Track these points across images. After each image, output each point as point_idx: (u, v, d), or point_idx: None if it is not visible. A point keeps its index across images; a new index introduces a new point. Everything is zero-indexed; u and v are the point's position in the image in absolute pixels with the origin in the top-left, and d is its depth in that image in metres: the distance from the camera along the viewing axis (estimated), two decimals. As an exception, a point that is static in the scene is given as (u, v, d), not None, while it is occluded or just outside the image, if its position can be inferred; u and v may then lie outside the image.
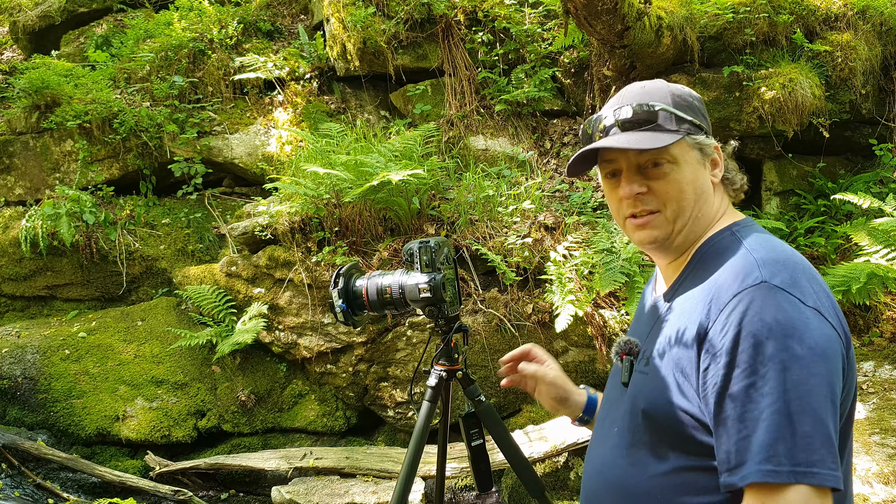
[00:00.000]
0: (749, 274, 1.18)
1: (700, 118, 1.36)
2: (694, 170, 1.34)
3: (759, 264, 1.20)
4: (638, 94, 1.36)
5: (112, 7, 7.12)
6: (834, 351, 1.14)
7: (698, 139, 1.34)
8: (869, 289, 4.12)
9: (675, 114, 1.33)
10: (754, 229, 1.34)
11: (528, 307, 4.55)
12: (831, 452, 1.08)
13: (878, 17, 5.18)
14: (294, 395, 4.94)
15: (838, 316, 1.20)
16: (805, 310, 1.14)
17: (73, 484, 4.53)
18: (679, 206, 1.34)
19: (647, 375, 1.31)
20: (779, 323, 1.11)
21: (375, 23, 5.76)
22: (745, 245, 1.27)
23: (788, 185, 5.35)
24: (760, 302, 1.14)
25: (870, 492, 3.09)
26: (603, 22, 4.31)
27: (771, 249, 1.24)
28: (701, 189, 1.35)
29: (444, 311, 1.85)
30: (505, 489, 4.22)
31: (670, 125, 1.32)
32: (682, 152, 1.33)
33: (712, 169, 1.37)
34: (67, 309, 5.52)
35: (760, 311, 1.13)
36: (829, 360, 1.12)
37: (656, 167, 1.33)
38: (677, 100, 1.35)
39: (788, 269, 1.19)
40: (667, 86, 1.38)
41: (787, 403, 1.08)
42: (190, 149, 5.77)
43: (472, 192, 4.93)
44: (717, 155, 1.38)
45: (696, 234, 1.36)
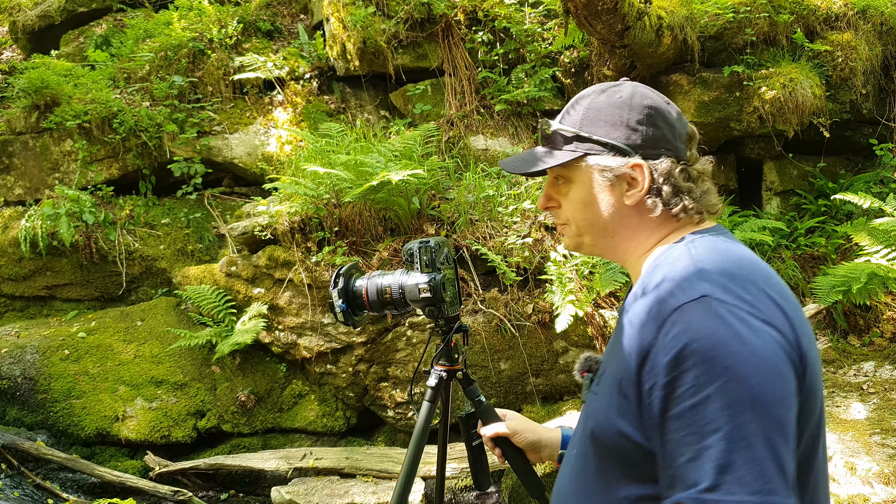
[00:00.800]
0: (691, 286, 1.09)
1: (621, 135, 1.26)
2: (590, 192, 1.28)
3: (702, 275, 1.11)
4: (569, 105, 1.34)
5: (112, 7, 7.11)
6: (784, 368, 1.04)
7: (597, 160, 1.26)
8: (869, 289, 4.12)
9: (576, 133, 1.28)
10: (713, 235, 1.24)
11: (529, 307, 4.54)
12: (784, 482, 0.99)
13: (879, 17, 5.18)
14: (294, 396, 4.93)
15: (794, 329, 1.10)
16: (753, 323, 1.05)
17: (72, 484, 4.53)
18: (578, 225, 1.33)
19: (597, 395, 1.25)
20: (720, 341, 1.02)
21: (375, 22, 5.76)
22: (693, 254, 1.17)
23: (789, 184, 5.35)
24: (701, 317, 1.05)
25: (870, 492, 3.09)
26: (603, 21, 4.31)
27: (720, 258, 1.16)
28: (604, 210, 1.28)
29: (444, 311, 1.84)
30: (505, 489, 4.21)
31: (568, 144, 1.29)
32: (580, 173, 1.29)
33: (629, 189, 1.26)
34: (67, 309, 5.52)
35: (701, 328, 1.04)
36: (778, 377, 1.03)
37: (562, 184, 1.33)
38: (591, 115, 1.28)
39: (737, 280, 1.10)
40: (595, 96, 1.30)
41: (734, 426, 0.99)
42: (189, 149, 5.76)
43: (473, 192, 4.93)
44: (639, 175, 1.25)
45: (625, 247, 1.31)
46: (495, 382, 4.60)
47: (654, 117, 1.27)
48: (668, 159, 1.26)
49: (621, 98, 1.28)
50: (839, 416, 3.65)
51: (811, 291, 4.49)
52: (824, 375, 4.10)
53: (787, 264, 4.76)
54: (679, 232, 1.27)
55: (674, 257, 1.20)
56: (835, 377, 4.08)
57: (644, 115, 1.27)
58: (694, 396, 1.02)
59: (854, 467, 3.21)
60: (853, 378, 4.05)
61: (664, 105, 1.29)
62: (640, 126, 1.26)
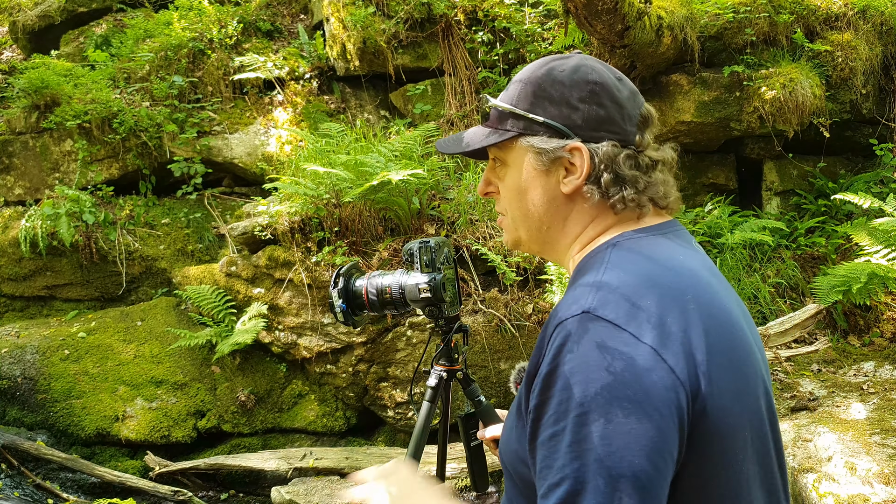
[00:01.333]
0: (577, 300, 0.97)
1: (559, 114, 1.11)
2: (525, 177, 1.14)
3: (596, 287, 0.98)
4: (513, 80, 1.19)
5: (112, 7, 7.11)
6: (660, 401, 0.90)
7: (531, 141, 1.12)
8: (869, 289, 4.12)
9: (510, 110, 1.13)
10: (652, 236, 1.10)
11: (529, 307, 4.54)
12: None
13: (879, 17, 5.18)
14: (294, 396, 4.93)
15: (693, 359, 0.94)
16: (632, 348, 0.91)
17: (72, 484, 4.53)
18: (514, 214, 1.18)
19: (508, 415, 1.13)
20: (591, 365, 0.90)
21: (375, 22, 5.76)
22: (605, 262, 1.04)
23: (789, 184, 5.35)
24: (577, 336, 0.93)
25: (870, 492, 3.09)
26: (603, 21, 4.31)
27: (627, 268, 1.01)
28: (538, 199, 1.14)
29: (444, 312, 1.84)
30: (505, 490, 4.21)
31: (504, 123, 1.15)
32: (516, 155, 1.15)
33: (566, 175, 1.12)
34: (67, 309, 5.52)
35: (574, 348, 0.92)
36: (648, 412, 0.89)
37: (500, 167, 1.19)
38: (536, 92, 1.13)
39: (632, 296, 0.96)
40: (535, 70, 1.15)
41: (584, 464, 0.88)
42: (189, 149, 5.76)
43: (472, 192, 4.93)
44: (578, 159, 1.10)
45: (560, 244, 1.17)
46: (495, 382, 4.60)
47: (600, 94, 1.11)
48: (611, 143, 1.10)
49: (563, 72, 1.12)
50: (839, 416, 3.65)
51: (811, 291, 4.49)
52: (824, 375, 4.10)
53: (787, 264, 4.76)
54: (618, 228, 1.13)
55: (590, 264, 1.08)
56: (835, 377, 4.08)
57: (587, 92, 1.11)
58: (554, 426, 0.92)
59: (854, 467, 3.21)
60: (853, 378, 4.05)
61: (613, 81, 1.13)
62: (582, 104, 1.11)
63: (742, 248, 4.74)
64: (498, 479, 4.31)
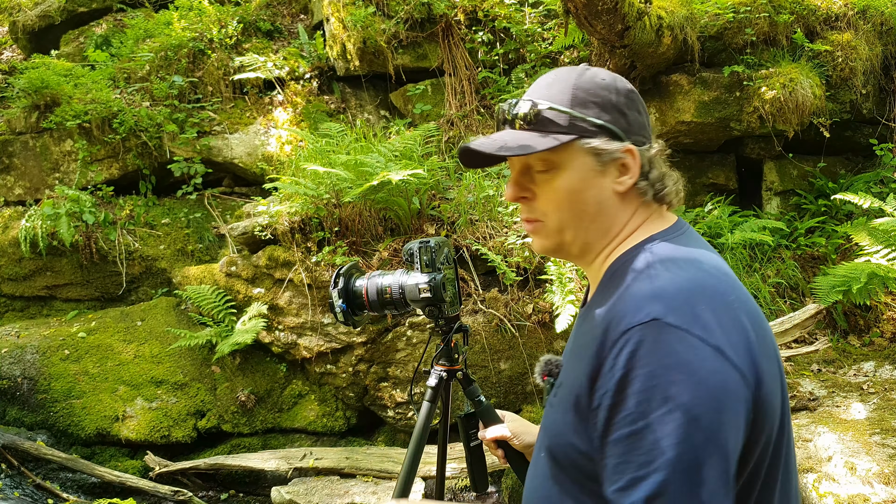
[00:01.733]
0: (641, 308, 1.04)
1: (611, 116, 1.18)
2: (583, 178, 1.17)
3: (654, 296, 1.05)
4: (541, 87, 1.22)
5: (112, 7, 7.11)
6: (732, 397, 1.00)
7: (593, 143, 1.16)
8: (869, 289, 4.12)
9: (569, 113, 1.17)
10: (675, 242, 1.18)
11: (529, 307, 4.54)
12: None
13: (879, 17, 5.18)
14: (294, 396, 4.93)
15: (751, 353, 1.05)
16: (702, 350, 1.00)
17: (72, 484, 4.53)
18: (560, 217, 1.20)
19: (554, 409, 1.20)
20: (667, 367, 0.99)
21: (375, 22, 5.76)
22: (651, 267, 1.11)
23: (789, 184, 5.35)
24: (650, 342, 1.01)
25: (870, 492, 3.09)
26: (603, 21, 4.31)
27: (677, 275, 1.09)
28: (593, 199, 1.18)
29: (444, 311, 1.84)
30: (505, 489, 4.21)
31: (558, 126, 1.17)
32: (570, 157, 1.17)
33: (619, 175, 1.19)
34: (67, 309, 5.52)
35: (649, 353, 1.00)
36: (723, 408, 0.99)
37: (542, 172, 1.20)
38: (580, 95, 1.18)
39: (691, 301, 1.04)
40: (576, 76, 1.21)
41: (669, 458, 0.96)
42: (190, 149, 5.76)
43: (473, 192, 4.93)
44: (631, 159, 1.18)
45: (600, 244, 1.22)
46: (495, 382, 4.60)
47: (637, 102, 1.23)
48: (647, 145, 1.21)
49: (605, 80, 1.20)
50: (839, 416, 3.65)
51: (811, 291, 4.49)
52: (824, 375, 4.10)
53: (787, 264, 4.76)
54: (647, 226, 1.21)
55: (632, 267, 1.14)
56: (835, 377, 4.08)
57: (629, 99, 1.21)
58: (633, 424, 0.99)
59: (854, 467, 3.21)
60: (853, 378, 4.05)
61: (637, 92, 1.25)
62: (626, 109, 1.20)
63: (742, 248, 4.74)
64: (498, 478, 4.31)
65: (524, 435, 1.66)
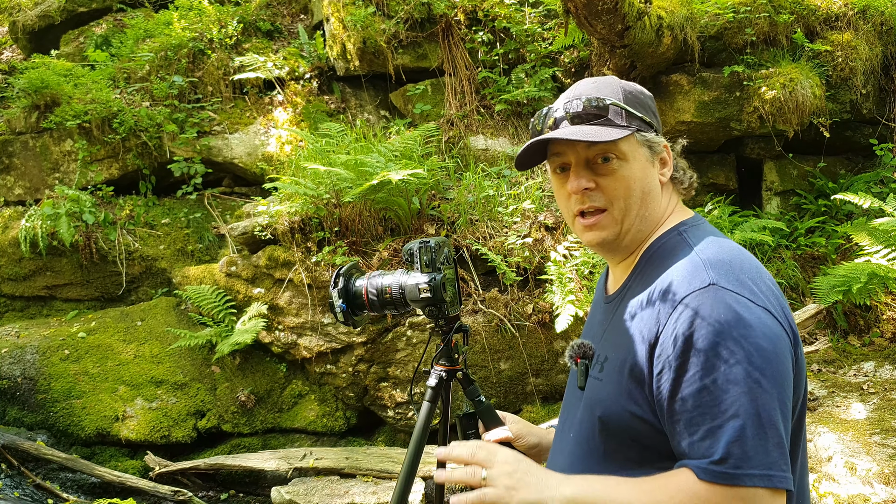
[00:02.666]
0: (697, 276, 1.17)
1: (650, 116, 1.34)
2: (642, 167, 1.31)
3: (706, 266, 1.19)
4: (590, 89, 1.34)
5: (112, 7, 7.11)
6: (784, 351, 1.13)
7: (648, 136, 1.31)
8: (869, 289, 4.12)
9: (626, 109, 1.30)
10: (701, 228, 1.32)
11: (529, 307, 4.54)
12: (783, 455, 1.08)
13: (879, 17, 5.18)
14: (294, 396, 4.93)
15: (786, 315, 1.19)
16: (755, 309, 1.13)
17: (72, 484, 4.53)
18: (626, 204, 1.30)
19: (602, 382, 1.28)
20: (729, 325, 1.10)
21: (375, 22, 5.76)
22: (692, 246, 1.25)
23: (789, 184, 5.34)
24: (710, 304, 1.13)
25: (870, 492, 3.09)
26: (603, 21, 4.31)
27: (718, 250, 1.23)
28: (649, 187, 1.32)
29: (444, 311, 1.84)
30: (505, 489, 4.21)
31: (620, 120, 1.29)
32: (631, 149, 1.30)
33: (661, 168, 1.35)
34: (67, 309, 5.52)
35: (710, 314, 1.12)
36: (779, 360, 1.11)
37: (605, 162, 1.29)
38: (628, 96, 1.32)
39: (735, 270, 1.18)
40: (619, 82, 1.36)
41: (740, 406, 1.07)
42: (189, 149, 5.76)
43: (473, 192, 4.93)
44: (667, 153, 1.36)
45: (643, 234, 1.34)
46: (495, 382, 4.60)
47: (655, 106, 1.39)
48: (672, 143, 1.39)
49: (637, 86, 1.36)
50: (839, 416, 3.65)
51: (811, 291, 4.49)
52: (824, 375, 4.10)
53: (787, 264, 4.76)
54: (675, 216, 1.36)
55: (672, 246, 1.28)
56: (835, 377, 4.08)
57: (653, 103, 1.37)
58: (702, 380, 1.09)
59: (854, 467, 3.20)
60: (853, 378, 4.05)
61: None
62: (656, 112, 1.37)
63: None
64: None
65: (528, 436, 1.66)
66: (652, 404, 1.17)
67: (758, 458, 1.06)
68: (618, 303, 1.35)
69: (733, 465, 1.06)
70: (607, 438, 1.25)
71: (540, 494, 1.17)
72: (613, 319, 1.33)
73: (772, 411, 1.08)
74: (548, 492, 1.17)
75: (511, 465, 1.22)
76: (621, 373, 1.22)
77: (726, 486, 1.07)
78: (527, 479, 1.20)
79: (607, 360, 1.29)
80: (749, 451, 1.06)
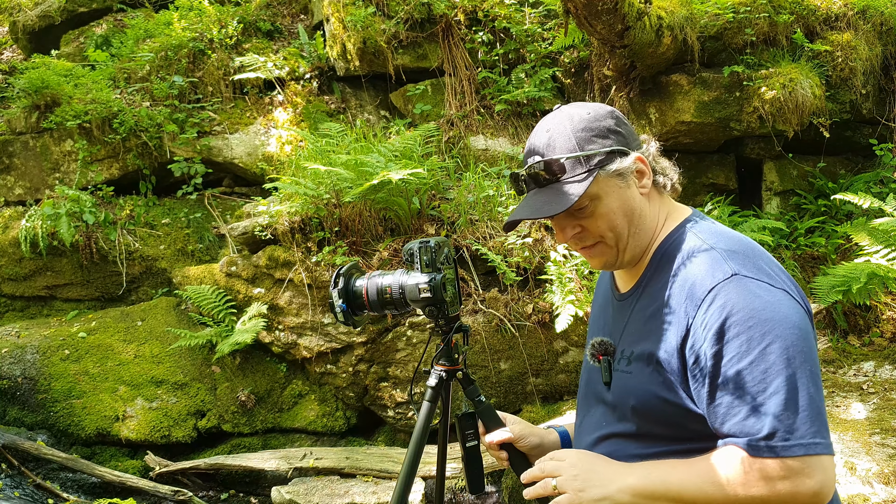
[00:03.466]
0: (719, 268, 1.24)
1: (612, 138, 1.35)
2: (618, 196, 1.35)
3: (725, 257, 1.26)
4: (542, 146, 1.37)
5: (112, 7, 7.11)
6: (807, 327, 1.22)
7: (613, 168, 1.34)
8: (869, 289, 4.12)
9: (582, 156, 1.33)
10: (704, 222, 1.39)
11: (529, 307, 4.54)
12: (823, 423, 1.17)
13: (879, 17, 5.18)
14: (294, 396, 4.94)
15: (801, 293, 1.28)
16: (776, 293, 1.22)
17: (72, 484, 4.53)
18: (616, 233, 1.36)
19: (632, 374, 1.35)
20: (757, 310, 1.19)
21: (375, 22, 5.76)
22: (703, 240, 1.32)
23: (789, 184, 5.35)
24: (736, 293, 1.20)
25: (870, 492, 3.09)
26: (603, 22, 4.31)
27: (730, 241, 1.31)
28: (631, 208, 1.37)
29: (444, 311, 1.84)
30: (505, 489, 4.21)
31: (580, 169, 1.33)
32: (600, 187, 1.34)
33: (640, 180, 1.38)
34: (67, 309, 5.52)
35: (738, 302, 1.20)
36: (807, 336, 1.21)
37: (581, 210, 1.35)
38: (582, 136, 1.35)
39: (751, 258, 1.27)
40: (570, 122, 1.37)
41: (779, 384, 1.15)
42: (190, 149, 5.76)
43: (473, 192, 4.93)
44: (642, 164, 1.38)
45: (642, 246, 1.40)
46: (495, 382, 4.61)
47: (620, 117, 1.41)
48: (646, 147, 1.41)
49: (589, 114, 1.38)
50: (839, 416, 3.65)
51: (811, 291, 4.49)
52: (824, 375, 4.11)
53: (787, 264, 4.76)
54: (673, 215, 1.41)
55: (683, 241, 1.34)
56: (835, 377, 4.08)
57: (614, 119, 1.39)
58: (740, 362, 1.17)
59: (854, 467, 3.21)
60: (853, 378, 4.05)
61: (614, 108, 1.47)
62: (618, 127, 1.38)
63: (742, 248, 4.73)
64: (498, 478, 4.31)
65: (530, 437, 1.67)
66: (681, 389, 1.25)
67: (802, 429, 1.14)
68: (634, 300, 1.41)
69: (781, 439, 1.15)
70: (640, 422, 1.33)
71: (605, 489, 1.26)
72: (632, 316, 1.40)
73: (809, 384, 1.16)
74: (612, 486, 1.26)
75: (576, 467, 1.31)
76: (650, 364, 1.30)
77: (777, 458, 1.15)
78: (592, 478, 1.28)
79: (633, 354, 1.35)
80: (792, 424, 1.14)
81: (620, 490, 1.25)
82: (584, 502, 1.26)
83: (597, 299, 1.63)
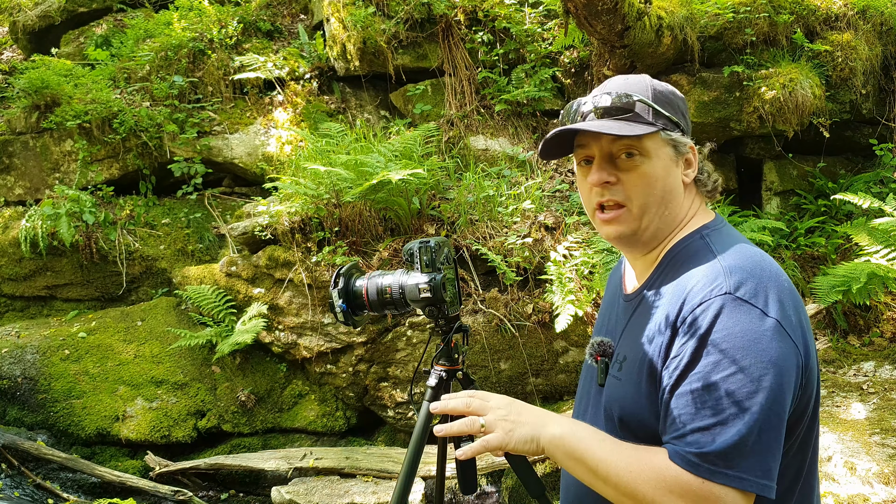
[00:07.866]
0: (714, 282, 1.20)
1: (679, 116, 1.35)
2: (665, 165, 1.32)
3: (725, 273, 1.21)
4: (619, 85, 1.35)
5: (112, 7, 7.11)
6: (787, 364, 1.16)
7: (673, 136, 1.32)
8: (869, 289, 4.12)
9: (653, 107, 1.31)
10: (724, 232, 1.34)
11: (529, 307, 4.54)
12: (761, 461, 1.12)
13: (879, 17, 5.18)
14: (294, 396, 4.94)
15: (802, 327, 1.21)
16: (766, 322, 1.16)
17: (72, 484, 4.53)
18: (645, 202, 1.32)
19: (621, 381, 1.32)
20: (737, 335, 1.15)
21: (375, 22, 5.76)
22: (714, 251, 1.27)
23: (789, 184, 5.35)
24: (724, 313, 1.16)
25: (870, 492, 3.09)
26: (603, 22, 4.31)
27: (739, 256, 1.25)
28: (670, 186, 1.33)
29: (444, 311, 1.84)
30: (505, 489, 4.21)
31: (647, 117, 1.30)
32: (656, 146, 1.31)
33: (685, 168, 1.36)
34: (67, 309, 5.52)
35: (722, 321, 1.16)
36: (780, 373, 1.14)
37: (628, 158, 1.31)
38: (658, 95, 1.33)
39: (754, 279, 1.20)
40: (650, 80, 1.37)
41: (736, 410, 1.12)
42: (190, 149, 5.76)
43: (473, 192, 4.93)
44: (692, 155, 1.36)
45: (664, 232, 1.36)
46: (495, 382, 4.61)
47: (686, 109, 1.39)
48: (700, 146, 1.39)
49: (668, 87, 1.37)
50: (839, 416, 3.65)
51: (811, 291, 4.49)
52: (824, 375, 4.10)
53: (787, 264, 4.76)
54: (697, 218, 1.37)
55: (695, 250, 1.30)
56: (835, 377, 4.08)
57: (684, 104, 1.38)
58: (702, 381, 1.15)
59: (854, 467, 3.21)
60: (853, 378, 4.05)
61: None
62: (686, 114, 1.38)
63: (742, 248, 4.73)
64: (497, 478, 4.31)
65: None
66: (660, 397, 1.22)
67: (738, 462, 1.11)
68: (637, 303, 1.37)
69: (711, 462, 1.12)
70: (626, 434, 1.29)
71: (534, 430, 1.25)
72: (633, 319, 1.36)
73: (761, 420, 1.12)
74: (540, 429, 1.25)
75: (504, 408, 1.29)
76: (640, 374, 1.27)
77: (700, 478, 1.12)
78: (521, 419, 1.27)
79: (626, 360, 1.32)
80: (731, 453, 1.11)
81: (544, 435, 1.25)
82: (512, 441, 1.25)
83: (606, 296, 1.62)
